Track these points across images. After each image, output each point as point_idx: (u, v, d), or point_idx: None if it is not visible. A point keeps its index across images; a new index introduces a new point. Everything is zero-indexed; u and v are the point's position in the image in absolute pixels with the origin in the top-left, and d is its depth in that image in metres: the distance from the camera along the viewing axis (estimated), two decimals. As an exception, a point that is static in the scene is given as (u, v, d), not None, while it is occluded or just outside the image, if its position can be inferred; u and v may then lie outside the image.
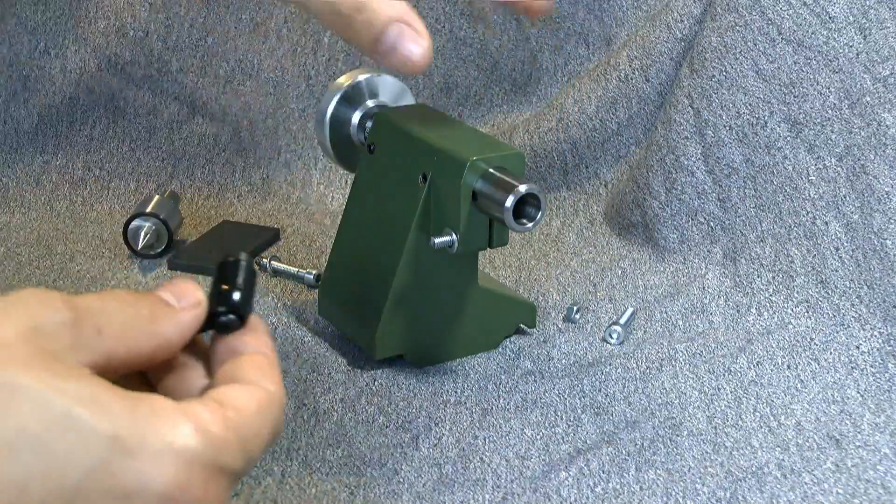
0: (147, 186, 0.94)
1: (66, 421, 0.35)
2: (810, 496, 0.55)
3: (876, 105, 0.74)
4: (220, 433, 0.38)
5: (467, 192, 0.60)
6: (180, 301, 0.43)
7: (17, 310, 0.38)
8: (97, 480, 0.36)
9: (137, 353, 0.41)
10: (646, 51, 0.86)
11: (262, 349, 0.44)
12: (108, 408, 0.36)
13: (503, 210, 0.58)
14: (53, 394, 0.35)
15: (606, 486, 0.56)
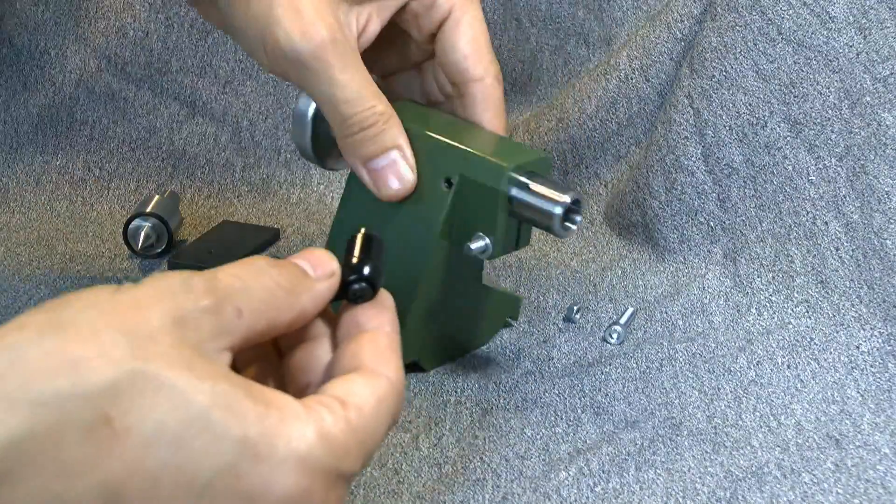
0: (147, 186, 0.94)
1: (202, 421, 0.37)
2: (810, 496, 0.55)
3: (876, 105, 0.74)
4: (343, 439, 0.39)
5: (504, 199, 0.59)
6: (316, 270, 0.45)
7: (163, 300, 0.39)
8: (224, 481, 0.37)
9: (276, 325, 0.42)
10: (646, 51, 0.86)
11: (385, 326, 0.45)
12: (240, 412, 0.38)
13: (552, 218, 0.59)
14: (193, 394, 0.37)
15: (606, 486, 0.56)
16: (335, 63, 0.56)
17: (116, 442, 0.36)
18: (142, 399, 0.36)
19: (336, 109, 0.57)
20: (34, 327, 0.37)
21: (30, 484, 0.35)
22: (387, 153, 0.57)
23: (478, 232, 0.59)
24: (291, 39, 0.55)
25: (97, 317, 0.38)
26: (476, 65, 0.60)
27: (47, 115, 0.95)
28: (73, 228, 0.88)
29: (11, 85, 0.95)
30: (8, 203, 0.91)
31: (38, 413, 0.35)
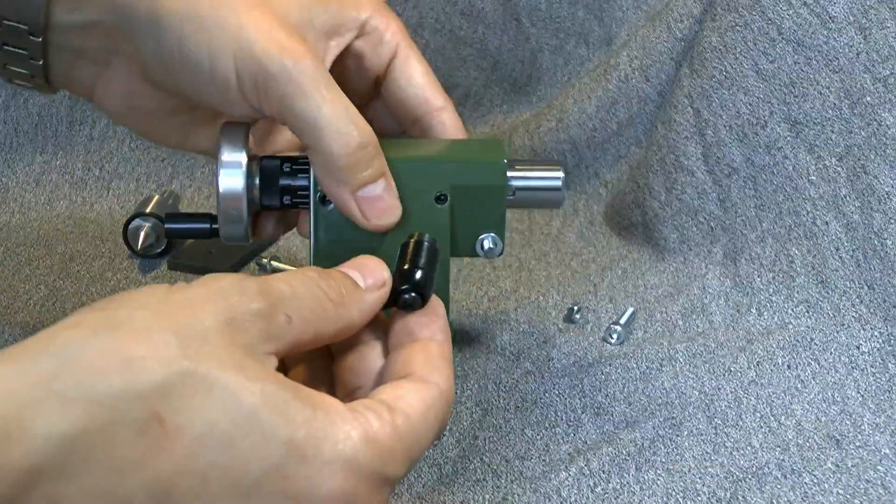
0: (147, 186, 0.94)
1: (252, 422, 0.38)
2: (810, 496, 0.55)
3: (876, 105, 0.74)
4: (388, 443, 0.40)
5: (506, 192, 0.57)
6: (366, 280, 0.46)
7: (216, 301, 0.40)
8: (271, 481, 0.38)
9: (322, 336, 0.43)
10: (646, 51, 0.86)
11: (437, 335, 0.46)
12: (289, 414, 0.38)
13: (559, 190, 0.59)
14: (243, 394, 0.38)
15: (606, 486, 0.56)
16: (321, 80, 0.49)
17: (167, 440, 0.37)
18: (192, 399, 0.37)
19: (324, 129, 0.49)
20: (88, 326, 0.38)
21: (83, 480, 0.36)
22: (378, 181, 0.51)
23: (481, 234, 0.58)
24: (271, 55, 0.48)
25: (150, 316, 0.38)
26: (436, 95, 0.58)
27: (47, 115, 0.95)
28: (73, 228, 0.88)
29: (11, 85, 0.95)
30: (8, 203, 0.91)
31: (92, 411, 0.36)
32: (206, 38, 0.49)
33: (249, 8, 0.49)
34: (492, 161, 0.57)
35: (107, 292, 0.77)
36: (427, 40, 0.95)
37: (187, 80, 0.51)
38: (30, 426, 0.35)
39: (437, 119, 0.58)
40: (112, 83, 0.54)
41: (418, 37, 0.95)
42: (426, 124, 0.58)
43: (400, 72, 0.57)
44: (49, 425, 0.35)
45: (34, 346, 0.37)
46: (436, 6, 0.93)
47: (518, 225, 0.87)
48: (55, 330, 0.38)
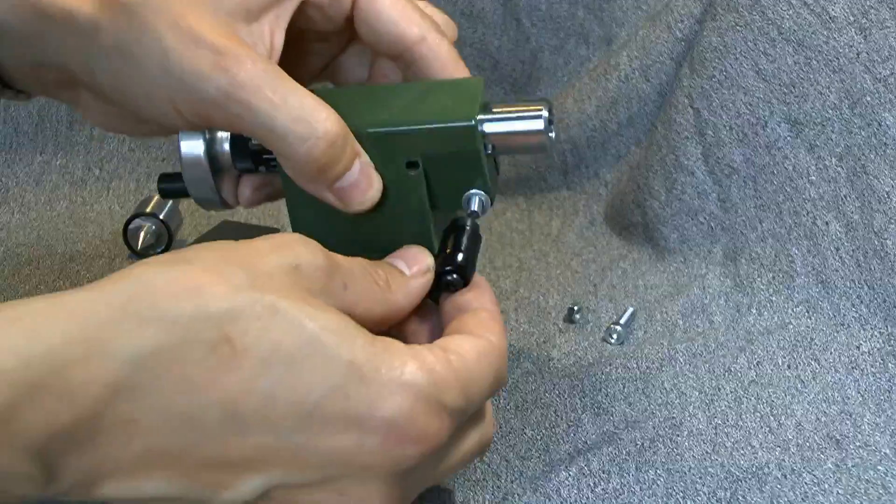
0: (147, 186, 0.94)
1: (315, 344, 0.39)
2: (810, 496, 0.55)
3: (876, 105, 0.74)
4: (443, 373, 0.42)
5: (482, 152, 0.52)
6: (411, 268, 0.48)
7: (283, 249, 0.42)
8: (333, 401, 0.40)
9: (370, 316, 0.45)
10: (646, 51, 0.86)
11: (486, 305, 0.47)
12: (349, 338, 0.40)
13: (541, 135, 0.52)
14: (305, 319, 0.40)
15: (606, 486, 0.56)
16: (265, 84, 0.45)
17: (235, 360, 0.39)
18: (259, 321, 0.39)
19: (286, 138, 0.46)
20: (160, 261, 0.40)
21: (157, 398, 0.38)
22: (352, 167, 0.48)
23: (467, 190, 0.53)
24: (202, 76, 0.45)
25: (219, 256, 0.41)
26: (410, 26, 0.52)
27: (47, 115, 0.95)
28: (73, 228, 0.88)
29: (11, 85, 0.95)
30: (8, 203, 0.91)
31: (165, 331, 0.38)
32: (137, 75, 0.47)
33: (174, 21, 0.45)
34: (461, 120, 0.51)
35: (107, 292, 0.77)
36: (427, 40, 0.95)
37: (138, 111, 0.49)
38: (108, 345, 0.37)
39: (418, 53, 0.53)
40: (86, 105, 0.54)
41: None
42: (409, 60, 0.53)
43: (366, 10, 0.52)
44: (126, 344, 0.37)
45: (111, 278, 0.40)
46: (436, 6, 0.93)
47: (518, 225, 0.87)
48: (130, 267, 0.41)
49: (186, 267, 0.40)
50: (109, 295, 0.39)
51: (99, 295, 0.39)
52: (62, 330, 0.37)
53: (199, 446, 0.39)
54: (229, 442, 0.39)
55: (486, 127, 0.52)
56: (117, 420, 0.38)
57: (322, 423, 0.40)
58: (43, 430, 0.36)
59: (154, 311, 0.38)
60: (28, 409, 0.36)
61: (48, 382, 0.36)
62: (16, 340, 0.36)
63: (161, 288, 0.39)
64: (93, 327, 0.37)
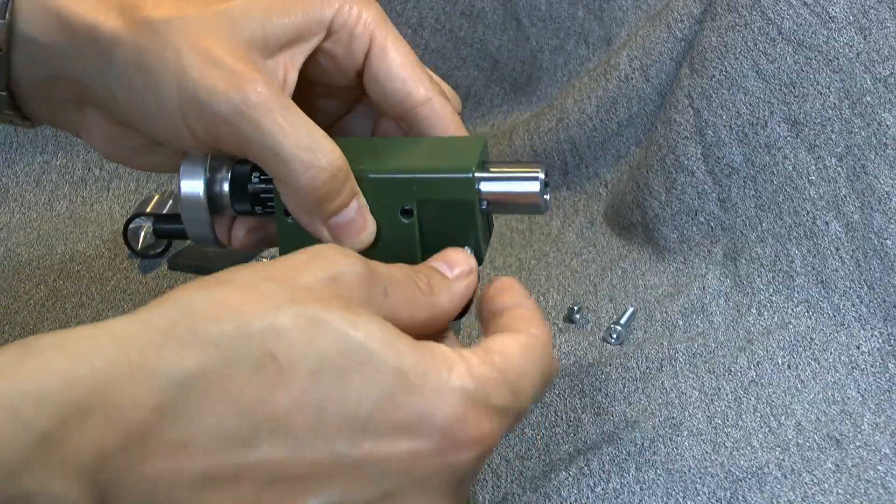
0: (147, 186, 0.94)
1: (361, 353, 0.39)
2: (810, 496, 0.55)
3: (876, 105, 0.74)
4: (490, 374, 0.41)
5: (477, 205, 0.53)
6: (453, 270, 0.48)
7: (319, 261, 0.42)
8: (384, 412, 0.39)
9: (414, 321, 0.44)
10: (646, 51, 0.86)
11: (521, 302, 0.47)
12: (395, 346, 0.40)
13: (537, 197, 0.53)
14: (350, 329, 0.39)
15: (606, 486, 0.56)
16: (275, 108, 0.46)
17: (282, 377, 0.38)
18: (302, 335, 0.39)
19: (290, 163, 0.47)
20: (200, 284, 0.40)
21: (205, 420, 0.38)
22: (350, 205, 0.49)
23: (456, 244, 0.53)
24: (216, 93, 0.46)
25: (256, 273, 0.41)
26: (417, 87, 0.53)
27: (47, 115, 0.95)
28: (73, 228, 0.88)
29: (11, 85, 0.95)
30: (8, 203, 0.91)
31: (208, 352, 0.38)
32: (153, 89, 0.48)
33: (195, 42, 0.47)
34: (459, 172, 0.52)
35: (107, 292, 0.77)
36: (427, 40, 0.95)
37: (148, 128, 0.50)
38: (151, 367, 0.37)
39: (422, 113, 0.54)
40: (91, 127, 0.54)
41: (418, 37, 0.95)
42: (412, 119, 0.54)
43: (377, 67, 0.53)
44: (169, 366, 0.37)
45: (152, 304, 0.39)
46: (436, 6, 0.93)
47: (518, 225, 0.87)
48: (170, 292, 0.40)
49: (225, 287, 0.40)
50: (151, 319, 0.38)
51: (141, 320, 0.38)
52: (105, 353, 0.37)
53: (255, 468, 0.39)
54: (284, 461, 0.39)
55: (482, 186, 0.52)
56: (167, 443, 0.37)
57: (375, 434, 0.39)
58: (93, 454, 0.36)
59: (195, 333, 0.38)
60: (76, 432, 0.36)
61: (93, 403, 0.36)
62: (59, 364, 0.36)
63: (201, 310, 0.39)
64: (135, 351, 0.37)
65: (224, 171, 0.53)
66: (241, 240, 0.55)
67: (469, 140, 0.54)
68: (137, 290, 0.77)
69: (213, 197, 0.53)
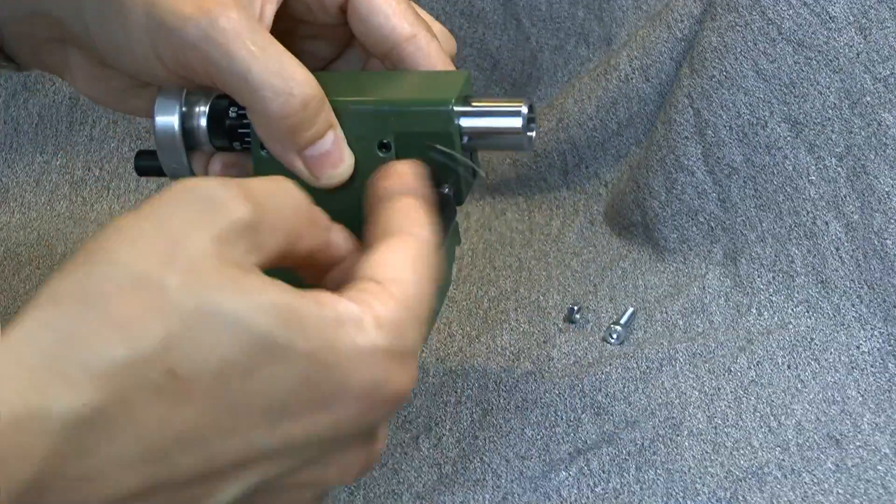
0: (147, 186, 0.94)
1: (267, 345, 0.36)
2: (810, 496, 0.55)
3: (876, 105, 0.74)
4: (396, 318, 0.39)
5: (457, 139, 0.50)
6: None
7: (199, 216, 0.37)
8: (300, 395, 0.37)
9: (298, 252, 0.41)
10: (646, 51, 0.86)
11: (407, 189, 0.45)
12: (301, 325, 0.37)
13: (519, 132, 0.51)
14: (251, 320, 0.36)
15: (606, 486, 0.56)
16: (245, 34, 0.44)
17: (185, 392, 0.35)
18: (200, 340, 0.35)
19: (260, 90, 0.45)
20: (69, 299, 0.35)
21: (113, 452, 0.35)
22: (325, 135, 0.47)
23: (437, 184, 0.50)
24: (184, 18, 0.44)
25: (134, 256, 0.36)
26: (401, 22, 0.51)
27: (47, 115, 0.95)
28: (73, 228, 0.88)
29: (11, 85, 0.95)
30: (8, 203, 0.91)
31: (100, 388, 0.34)
32: (122, 20, 0.46)
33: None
34: (438, 104, 0.49)
35: (107, 292, 0.77)
36: (427, 40, 0.95)
37: (120, 61, 0.48)
38: (38, 414, 0.33)
39: (407, 50, 0.52)
40: (73, 67, 0.53)
41: (418, 37, 0.95)
42: (397, 57, 0.52)
43: (360, 2, 0.51)
44: (59, 410, 0.33)
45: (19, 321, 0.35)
46: (436, 6, 0.93)
47: (518, 225, 0.87)
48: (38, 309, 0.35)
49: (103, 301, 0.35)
50: (25, 353, 0.34)
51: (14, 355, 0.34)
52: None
53: (167, 480, 0.36)
54: (200, 465, 0.37)
55: (462, 120, 0.50)
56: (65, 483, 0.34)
57: (294, 417, 0.37)
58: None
59: (82, 366, 0.34)
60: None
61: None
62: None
63: (83, 335, 0.34)
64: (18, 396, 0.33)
65: (202, 105, 0.51)
66: (217, 174, 0.52)
67: (452, 74, 0.51)
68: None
69: (190, 131, 0.52)
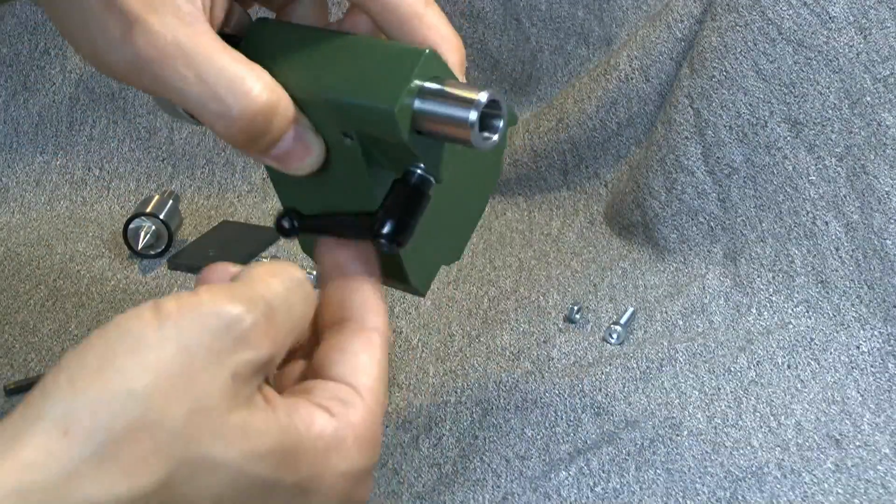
0: (147, 186, 0.94)
1: (260, 485, 0.38)
2: (810, 496, 0.55)
3: (876, 105, 0.74)
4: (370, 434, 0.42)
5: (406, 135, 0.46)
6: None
7: (223, 352, 0.37)
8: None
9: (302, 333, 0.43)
10: (646, 51, 0.86)
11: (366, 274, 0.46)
12: (294, 462, 0.39)
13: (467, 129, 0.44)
14: (249, 468, 0.38)
15: (606, 486, 0.56)
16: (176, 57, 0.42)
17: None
18: (198, 482, 0.37)
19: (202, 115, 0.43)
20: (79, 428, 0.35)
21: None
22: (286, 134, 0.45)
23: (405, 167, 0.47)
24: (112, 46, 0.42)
25: (146, 391, 0.36)
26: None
27: (47, 115, 0.95)
28: (73, 228, 0.88)
29: (11, 85, 0.95)
30: (8, 203, 0.91)
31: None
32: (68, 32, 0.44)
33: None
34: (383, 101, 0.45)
35: (107, 292, 0.77)
36: (427, 40, 0.95)
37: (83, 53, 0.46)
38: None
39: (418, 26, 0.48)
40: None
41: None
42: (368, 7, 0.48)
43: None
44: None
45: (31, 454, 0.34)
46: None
47: (518, 225, 0.87)
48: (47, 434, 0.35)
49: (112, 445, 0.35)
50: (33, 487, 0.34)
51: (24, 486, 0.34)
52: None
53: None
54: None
55: (416, 104, 0.45)
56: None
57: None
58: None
59: (85, 501, 0.34)
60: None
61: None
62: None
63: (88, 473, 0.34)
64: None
65: None
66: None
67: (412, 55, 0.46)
68: (137, 290, 0.77)
69: None
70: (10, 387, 0.65)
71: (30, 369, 0.67)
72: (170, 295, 0.38)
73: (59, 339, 0.70)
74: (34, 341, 0.69)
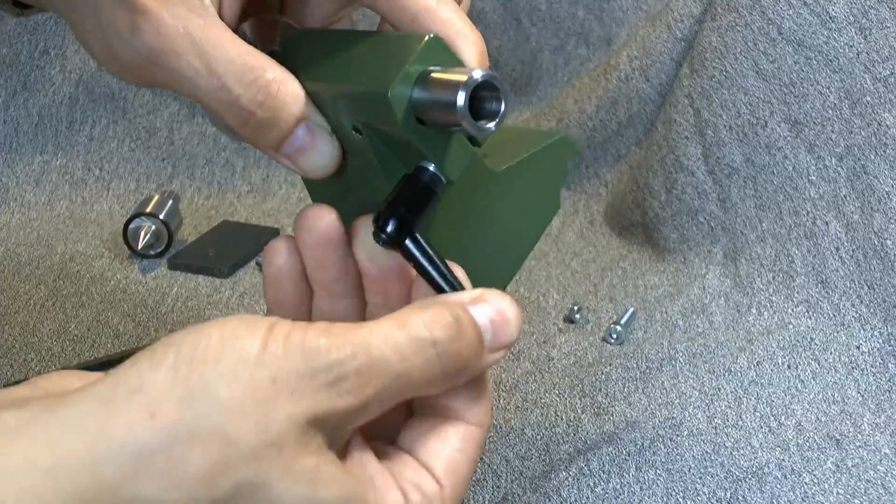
0: (147, 186, 0.94)
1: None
2: (810, 496, 0.55)
3: (876, 105, 0.74)
4: None
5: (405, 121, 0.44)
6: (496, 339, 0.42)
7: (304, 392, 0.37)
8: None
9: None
10: (646, 51, 0.86)
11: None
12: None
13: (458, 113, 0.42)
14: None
15: (606, 486, 0.56)
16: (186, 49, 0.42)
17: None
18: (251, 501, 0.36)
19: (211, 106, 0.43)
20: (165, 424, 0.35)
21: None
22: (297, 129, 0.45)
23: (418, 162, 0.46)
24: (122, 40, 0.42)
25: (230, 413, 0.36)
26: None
27: (47, 115, 0.95)
28: (73, 228, 0.88)
29: (11, 85, 0.95)
30: (8, 203, 0.91)
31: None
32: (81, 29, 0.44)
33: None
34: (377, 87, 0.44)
35: (107, 292, 0.77)
36: (427, 40, 0.95)
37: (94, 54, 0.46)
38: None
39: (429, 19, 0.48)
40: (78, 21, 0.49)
41: (418, 37, 0.95)
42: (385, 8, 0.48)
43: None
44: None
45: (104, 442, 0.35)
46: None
47: (518, 225, 0.87)
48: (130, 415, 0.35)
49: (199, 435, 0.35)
50: None
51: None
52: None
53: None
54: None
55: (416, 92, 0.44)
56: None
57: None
58: None
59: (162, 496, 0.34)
60: None
61: None
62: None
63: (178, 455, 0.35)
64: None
65: None
66: None
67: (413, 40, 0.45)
68: (137, 290, 0.77)
69: None
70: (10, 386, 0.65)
71: (30, 369, 0.67)
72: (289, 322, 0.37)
73: (58, 339, 0.70)
74: (34, 341, 0.69)
